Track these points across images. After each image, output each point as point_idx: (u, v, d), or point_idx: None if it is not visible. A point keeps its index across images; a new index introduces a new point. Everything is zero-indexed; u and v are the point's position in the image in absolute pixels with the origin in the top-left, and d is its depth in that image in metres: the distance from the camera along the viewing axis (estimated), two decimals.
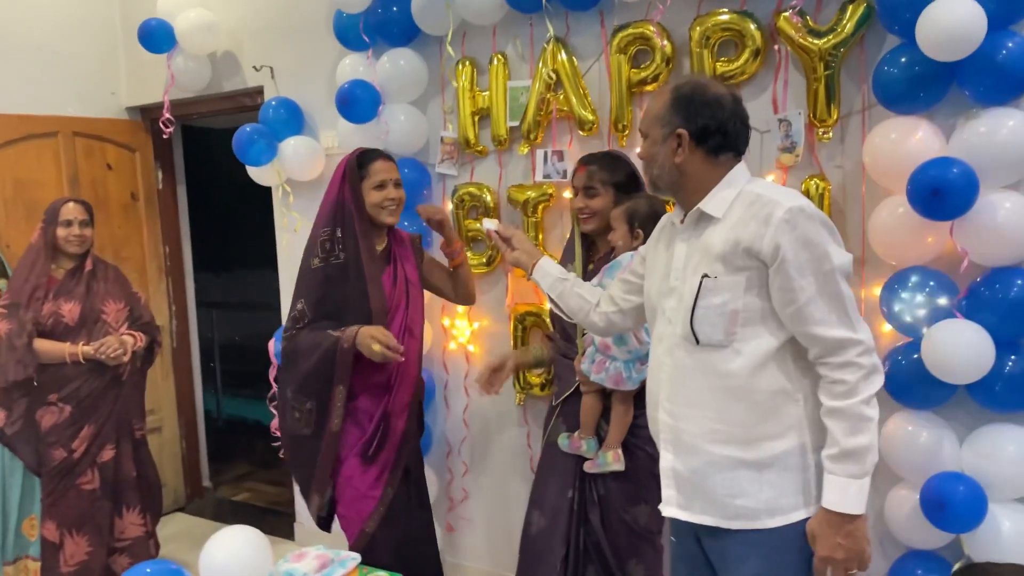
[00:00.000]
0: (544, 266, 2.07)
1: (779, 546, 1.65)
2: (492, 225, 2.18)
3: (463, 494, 3.26)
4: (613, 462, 2.31)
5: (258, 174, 3.50)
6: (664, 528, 2.32)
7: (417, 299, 2.56)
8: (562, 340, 2.54)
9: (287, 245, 3.63)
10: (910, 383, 2.20)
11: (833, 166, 2.42)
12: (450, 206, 3.10)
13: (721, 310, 1.62)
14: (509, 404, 3.11)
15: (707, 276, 1.64)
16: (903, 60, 2.15)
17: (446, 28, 2.93)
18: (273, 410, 3.51)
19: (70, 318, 2.90)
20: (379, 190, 2.44)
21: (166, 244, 4.28)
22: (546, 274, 2.06)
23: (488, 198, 3.00)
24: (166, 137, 3.87)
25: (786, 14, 2.35)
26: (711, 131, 1.66)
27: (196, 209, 4.50)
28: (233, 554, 1.78)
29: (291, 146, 3.35)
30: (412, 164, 3.10)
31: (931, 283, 2.18)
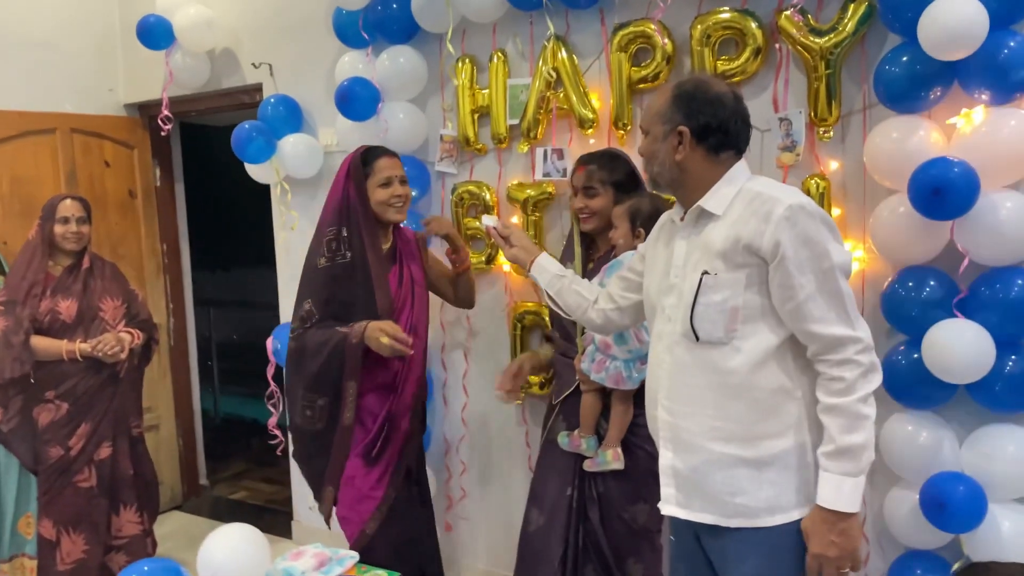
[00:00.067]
0: (542, 263, 2.07)
1: (779, 545, 1.65)
2: (491, 221, 2.17)
3: (461, 493, 3.26)
4: (612, 460, 2.31)
5: (257, 172, 3.49)
6: (663, 527, 2.32)
7: (422, 299, 2.55)
8: (562, 339, 2.54)
9: (285, 243, 3.62)
10: (910, 383, 2.20)
11: (834, 165, 2.41)
12: (449, 208, 3.10)
13: (721, 307, 1.62)
14: (508, 403, 3.10)
15: (707, 273, 1.64)
16: (904, 59, 2.15)
17: (446, 25, 2.93)
18: (271, 408, 3.50)
19: (67, 315, 2.89)
20: (385, 187, 2.42)
21: (164, 242, 4.27)
22: (544, 271, 2.06)
23: (488, 196, 3.00)
24: (164, 134, 3.86)
25: (787, 13, 2.35)
26: (712, 129, 1.66)
27: (194, 207, 4.49)
28: (231, 552, 1.77)
29: (290, 144, 3.34)
30: (411, 162, 3.09)
31: (931, 282, 2.17)
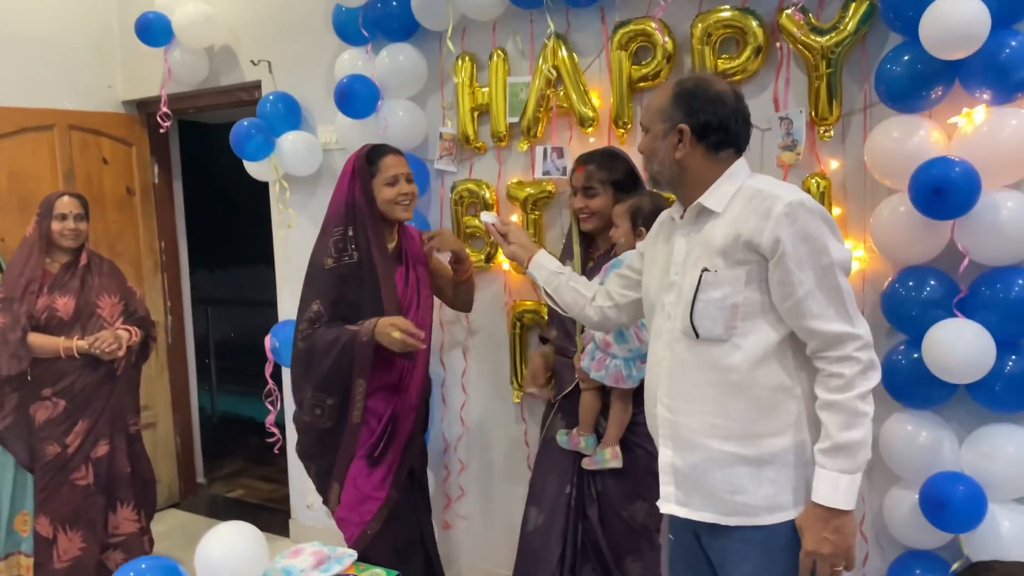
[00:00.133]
0: (540, 260, 2.07)
1: (779, 543, 1.64)
2: (490, 218, 2.17)
3: (460, 492, 3.25)
4: (611, 459, 2.31)
5: (255, 169, 3.48)
6: (662, 526, 2.32)
7: (427, 299, 2.54)
8: (561, 337, 2.53)
9: (284, 241, 3.61)
10: (910, 382, 2.20)
11: (834, 164, 2.41)
12: (448, 206, 3.09)
13: (721, 304, 1.62)
14: (506, 401, 3.09)
15: (707, 270, 1.64)
16: (905, 58, 2.15)
17: (446, 23, 2.92)
18: (269, 406, 3.49)
19: (64, 312, 2.88)
20: (391, 186, 2.41)
21: (162, 239, 4.26)
22: (542, 268, 2.06)
23: (487, 195, 2.99)
24: (163, 132, 3.85)
25: (788, 11, 2.35)
26: (713, 127, 1.66)
27: (192, 204, 4.48)
28: (229, 550, 1.75)
29: (289, 141, 3.33)
30: (411, 160, 3.05)
31: (932, 282, 2.17)
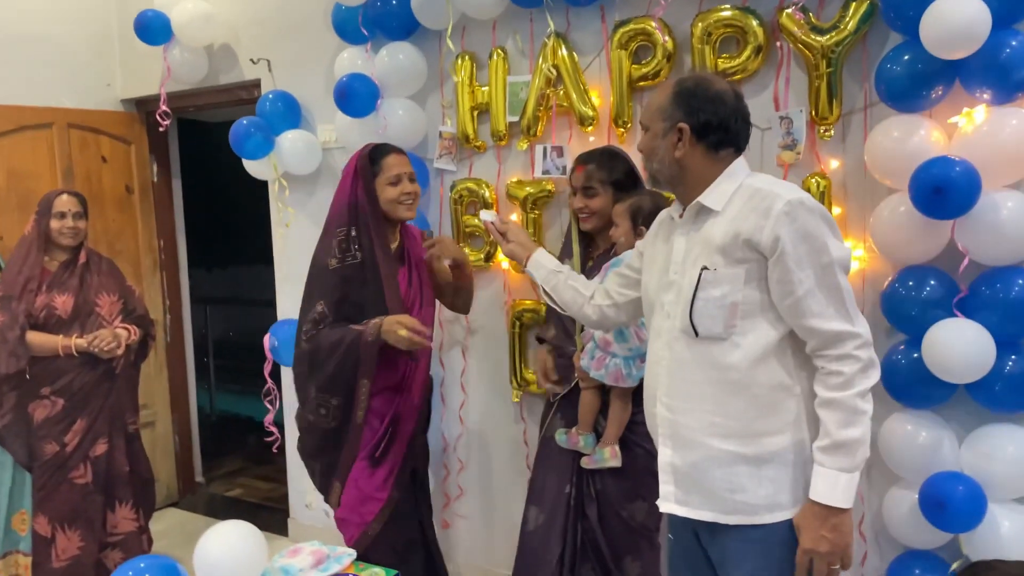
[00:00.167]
0: (538, 258, 2.07)
1: (778, 543, 1.64)
2: (489, 216, 2.16)
3: (459, 491, 3.25)
4: (610, 458, 2.30)
5: (254, 168, 3.47)
6: (661, 525, 2.32)
7: (430, 299, 2.54)
8: (561, 336, 2.52)
9: (283, 240, 3.60)
10: (910, 382, 2.20)
11: (834, 164, 2.41)
12: (448, 206, 3.09)
13: (720, 302, 1.62)
14: (506, 400, 3.09)
15: (706, 268, 1.64)
16: (906, 58, 2.15)
17: (446, 22, 2.92)
18: (268, 405, 3.49)
19: (63, 311, 2.87)
20: (394, 185, 2.40)
21: (160, 238, 4.25)
22: (540, 266, 2.06)
23: (487, 194, 2.99)
24: (162, 130, 3.84)
25: (788, 11, 2.35)
26: (712, 127, 1.66)
27: (191, 203, 4.47)
28: (228, 549, 1.75)
29: (288, 140, 3.33)
30: (410, 159, 3.07)
31: (932, 282, 2.17)
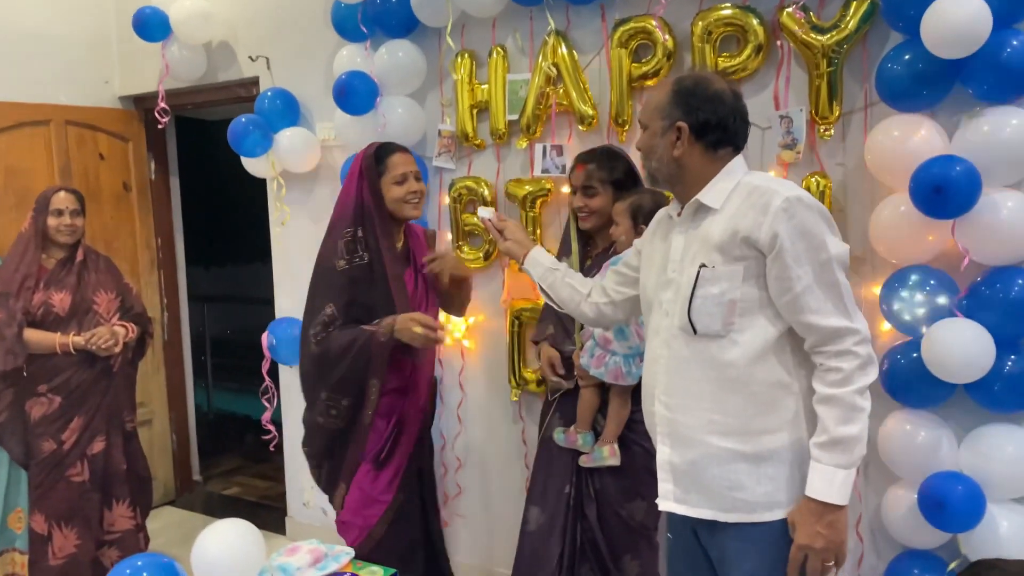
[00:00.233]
0: (536, 256, 2.07)
1: (778, 541, 1.64)
2: (487, 214, 2.16)
3: (457, 489, 3.24)
4: (609, 456, 2.30)
5: (253, 166, 3.47)
6: (660, 524, 2.31)
7: (434, 300, 2.53)
8: (560, 335, 2.52)
9: (281, 238, 3.60)
10: (909, 382, 2.20)
11: (835, 164, 2.41)
12: (447, 204, 3.09)
13: (719, 300, 1.62)
14: (504, 399, 3.09)
15: (705, 266, 1.64)
16: (906, 57, 2.15)
17: (445, 20, 2.91)
18: (265, 403, 3.48)
19: (61, 308, 2.86)
20: (400, 184, 2.38)
21: (158, 236, 4.24)
22: (537, 264, 2.06)
23: (486, 192, 2.98)
24: (160, 127, 3.83)
25: (789, 10, 2.34)
26: (711, 126, 1.66)
27: (189, 201, 4.46)
28: (226, 548, 1.74)
29: (287, 137, 3.32)
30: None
31: (932, 282, 2.17)
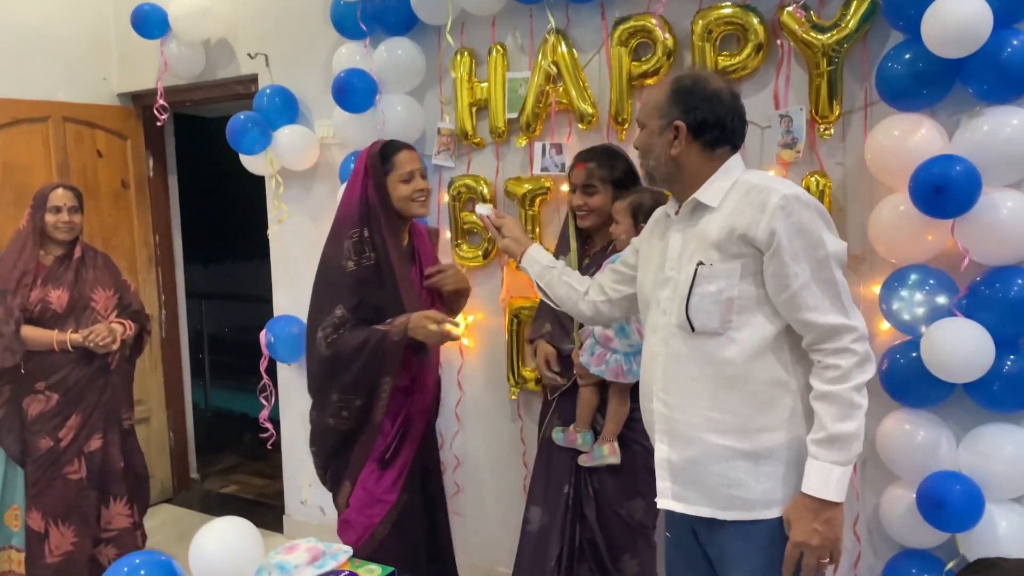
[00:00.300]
0: (533, 254, 2.06)
1: (776, 539, 1.63)
2: (485, 211, 2.15)
3: (456, 488, 3.24)
4: (609, 455, 2.30)
5: (251, 163, 3.46)
6: (659, 523, 2.31)
7: (439, 299, 2.53)
8: (559, 334, 2.51)
9: (279, 236, 3.59)
10: (909, 381, 2.20)
11: (834, 163, 2.41)
12: (446, 202, 3.08)
13: (716, 298, 1.62)
14: (503, 398, 3.09)
15: (702, 264, 1.64)
16: (907, 56, 2.14)
17: (445, 18, 2.90)
18: (263, 401, 3.47)
19: (58, 305, 2.86)
20: (407, 182, 2.36)
21: (156, 233, 4.23)
22: (534, 262, 2.05)
23: (485, 190, 2.98)
24: (159, 124, 3.82)
25: (789, 9, 2.34)
26: (709, 125, 1.66)
27: (187, 198, 4.45)
28: (224, 546, 1.74)
29: (286, 135, 3.32)
30: None
31: (931, 281, 2.17)
